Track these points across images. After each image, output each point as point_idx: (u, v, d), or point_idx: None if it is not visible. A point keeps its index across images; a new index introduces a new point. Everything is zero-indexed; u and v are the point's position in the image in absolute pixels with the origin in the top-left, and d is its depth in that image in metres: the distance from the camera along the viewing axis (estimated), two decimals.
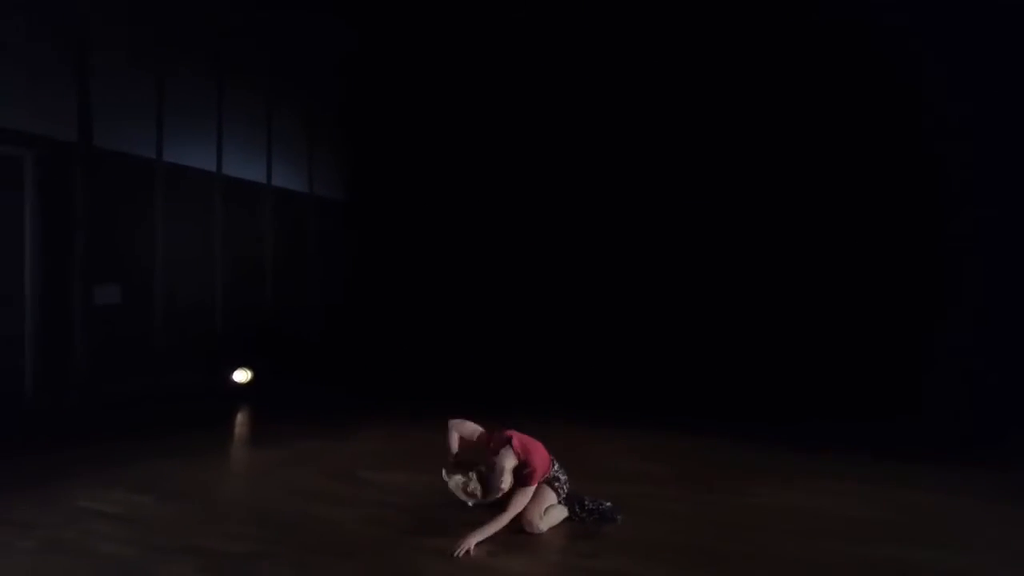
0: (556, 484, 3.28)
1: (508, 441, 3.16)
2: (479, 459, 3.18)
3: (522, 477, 3.08)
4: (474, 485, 3.06)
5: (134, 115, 6.51)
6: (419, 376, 7.86)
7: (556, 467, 3.33)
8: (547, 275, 8.52)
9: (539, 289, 8.50)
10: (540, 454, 3.22)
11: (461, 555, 2.85)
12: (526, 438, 3.25)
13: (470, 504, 3.10)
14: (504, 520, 2.99)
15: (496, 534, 3.00)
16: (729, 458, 4.64)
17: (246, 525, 3.26)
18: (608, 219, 8.21)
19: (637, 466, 4.40)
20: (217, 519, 3.32)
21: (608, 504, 3.35)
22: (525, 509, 3.09)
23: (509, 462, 3.09)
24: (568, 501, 3.31)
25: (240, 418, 5.86)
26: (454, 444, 3.36)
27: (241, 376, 6.67)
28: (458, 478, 3.08)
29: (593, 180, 8.30)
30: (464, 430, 3.39)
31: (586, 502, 3.33)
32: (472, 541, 2.91)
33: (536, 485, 3.11)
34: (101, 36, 6.19)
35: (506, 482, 3.05)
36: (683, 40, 7.59)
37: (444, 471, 3.13)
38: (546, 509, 3.19)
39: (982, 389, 6.22)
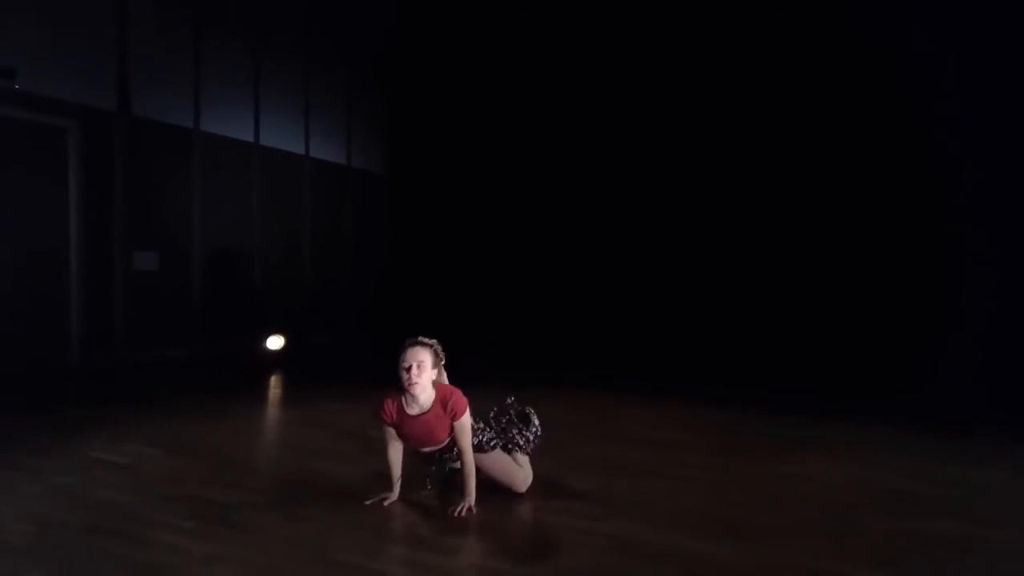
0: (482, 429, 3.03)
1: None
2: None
3: (450, 407, 2.80)
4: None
5: (171, 85, 6.62)
6: (453, 346, 7.81)
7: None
8: (581, 250, 8.35)
9: (572, 264, 8.33)
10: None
11: (465, 512, 2.76)
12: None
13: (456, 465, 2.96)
14: (468, 460, 2.82)
15: (497, 496, 2.94)
16: (764, 429, 4.50)
17: (246, 478, 3.26)
18: (643, 194, 7.99)
19: (668, 435, 4.26)
20: (219, 472, 3.32)
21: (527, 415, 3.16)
22: (503, 473, 2.99)
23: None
24: (504, 440, 3.07)
25: (270, 383, 5.93)
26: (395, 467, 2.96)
27: (275, 343, 6.75)
28: (432, 470, 3.00)
29: (626, 157, 8.09)
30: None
31: (514, 433, 3.09)
32: (470, 499, 2.80)
33: (467, 414, 2.83)
34: (139, 4, 6.28)
35: (423, 379, 2.75)
36: (699, 36, 7.58)
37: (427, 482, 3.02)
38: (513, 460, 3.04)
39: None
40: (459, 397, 2.83)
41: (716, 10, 7.39)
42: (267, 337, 6.74)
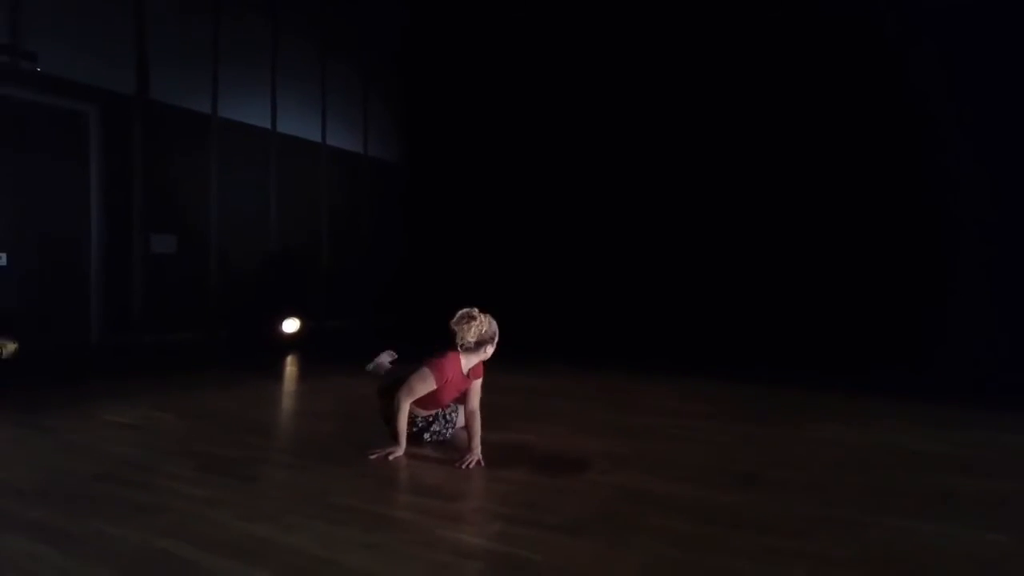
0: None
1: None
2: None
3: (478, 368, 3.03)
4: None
5: (190, 71, 6.69)
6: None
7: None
8: (597, 238, 8.31)
9: (589, 251, 8.29)
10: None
11: (472, 465, 2.75)
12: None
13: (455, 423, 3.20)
14: (477, 418, 2.95)
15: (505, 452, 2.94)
16: (781, 402, 4.41)
17: (251, 436, 3.26)
18: (661, 181, 7.96)
19: (685, 406, 4.19)
20: (225, 431, 3.33)
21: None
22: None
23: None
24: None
25: (284, 362, 5.95)
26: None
27: (291, 326, 6.77)
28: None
29: (645, 146, 8.06)
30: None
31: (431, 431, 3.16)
32: (477, 452, 2.81)
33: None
34: None
35: None
36: (704, 32, 7.66)
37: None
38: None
39: None
40: (482, 366, 3.05)
41: (720, 10, 7.45)
42: (283, 320, 6.77)
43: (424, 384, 2.88)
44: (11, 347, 4.63)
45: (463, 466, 2.73)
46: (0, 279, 5.59)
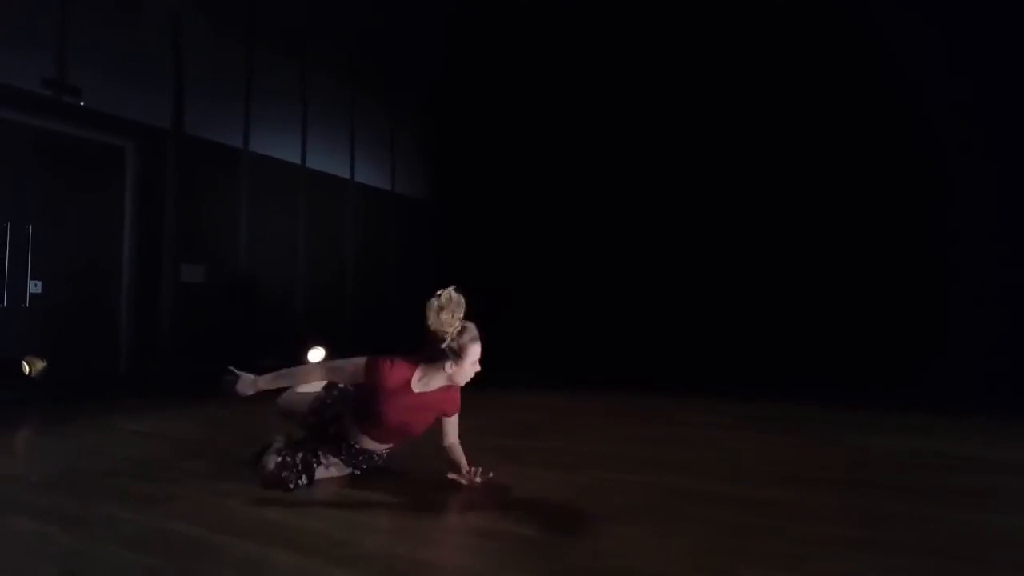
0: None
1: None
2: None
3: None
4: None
5: (223, 105, 6.88)
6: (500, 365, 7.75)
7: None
8: (626, 275, 8.33)
9: (618, 288, 8.28)
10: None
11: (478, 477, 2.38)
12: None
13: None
14: (458, 448, 2.49)
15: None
16: (814, 413, 4.23)
17: (256, 442, 3.18)
18: (688, 225, 8.03)
19: (717, 419, 4.00)
20: (241, 438, 3.26)
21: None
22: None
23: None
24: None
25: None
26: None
27: (316, 355, 6.75)
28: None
29: (671, 187, 8.12)
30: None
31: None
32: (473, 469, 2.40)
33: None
34: (193, 28, 6.60)
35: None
36: (722, 72, 7.79)
37: None
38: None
39: None
40: (458, 395, 2.49)
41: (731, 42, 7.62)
42: (308, 350, 6.75)
43: (348, 365, 2.45)
44: (40, 365, 4.67)
45: (471, 479, 2.35)
46: (34, 305, 5.68)
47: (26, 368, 4.66)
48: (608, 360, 7.73)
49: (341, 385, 2.63)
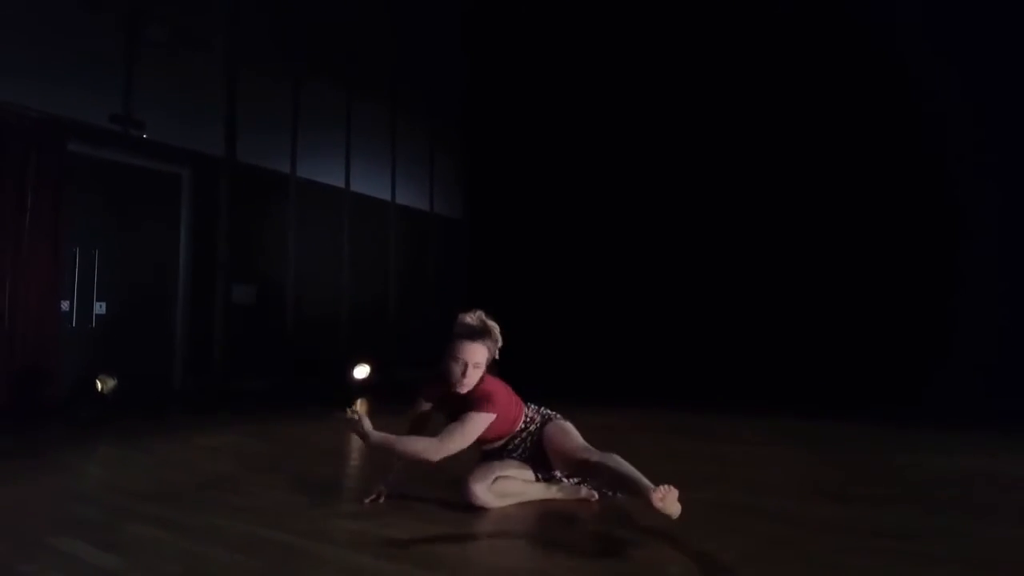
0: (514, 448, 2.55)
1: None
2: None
3: (477, 398, 2.41)
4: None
5: (272, 133, 7.22)
6: (538, 385, 7.90)
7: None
8: (661, 292, 8.45)
9: (654, 304, 8.38)
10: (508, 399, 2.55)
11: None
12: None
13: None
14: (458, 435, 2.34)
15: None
16: (850, 431, 4.27)
17: (334, 458, 3.41)
18: (724, 238, 8.17)
19: (757, 436, 4.12)
20: (310, 454, 3.49)
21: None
22: (469, 474, 2.48)
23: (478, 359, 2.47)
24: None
25: (357, 401, 6.14)
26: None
27: (361, 372, 7.00)
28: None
29: (704, 203, 8.28)
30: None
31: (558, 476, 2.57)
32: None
33: (491, 414, 2.39)
34: (245, 62, 6.96)
35: (470, 376, 2.43)
36: (742, 90, 7.97)
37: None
38: (496, 478, 2.47)
39: None
40: (491, 399, 2.39)
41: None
42: (354, 367, 7.00)
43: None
44: (111, 383, 4.98)
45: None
46: (99, 326, 6.03)
47: (99, 386, 4.98)
48: (636, 376, 7.82)
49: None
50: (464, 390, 2.42)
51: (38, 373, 5.20)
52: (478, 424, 2.35)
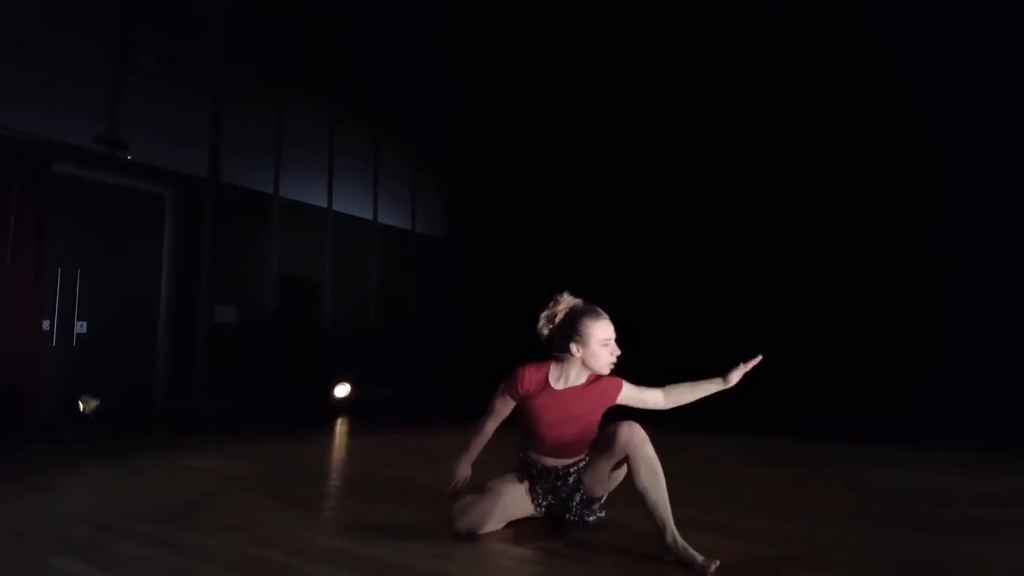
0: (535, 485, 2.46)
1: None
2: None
3: (603, 381, 2.46)
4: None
5: (255, 154, 7.32)
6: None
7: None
8: (644, 306, 8.53)
9: (636, 320, 8.49)
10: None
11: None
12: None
13: None
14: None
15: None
16: (820, 451, 4.44)
17: (319, 477, 3.50)
18: (708, 256, 8.32)
19: (724, 456, 4.27)
20: (294, 474, 3.58)
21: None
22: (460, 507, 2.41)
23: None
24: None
25: (337, 421, 6.22)
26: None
27: (342, 391, 7.08)
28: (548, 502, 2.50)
29: (686, 219, 8.45)
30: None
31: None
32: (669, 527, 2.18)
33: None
34: (232, 81, 7.06)
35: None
36: (739, 101, 8.09)
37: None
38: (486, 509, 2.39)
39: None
40: (614, 378, 2.46)
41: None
42: (335, 386, 7.08)
43: (497, 396, 2.45)
44: (93, 404, 5.02)
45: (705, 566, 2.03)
46: (79, 345, 6.05)
47: (81, 407, 5.01)
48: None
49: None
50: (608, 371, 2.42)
51: (19, 392, 5.21)
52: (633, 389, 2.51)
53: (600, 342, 2.38)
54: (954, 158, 6.81)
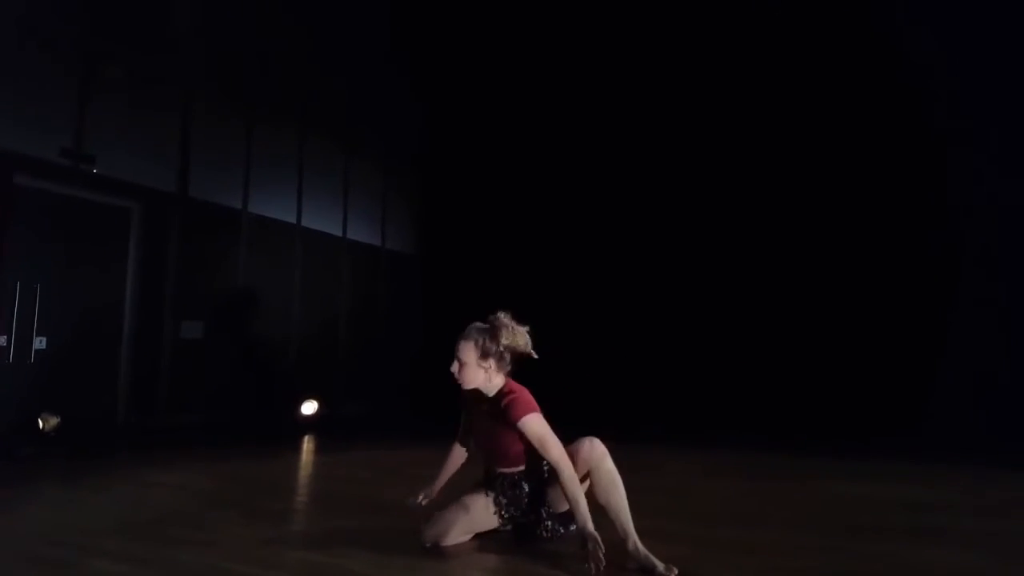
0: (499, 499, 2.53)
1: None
2: None
3: (503, 404, 2.48)
4: None
5: (225, 169, 7.29)
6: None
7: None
8: (610, 322, 8.66)
9: (602, 335, 8.60)
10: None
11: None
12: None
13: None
14: (566, 476, 2.32)
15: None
16: (783, 464, 4.60)
17: (286, 492, 3.50)
18: (675, 266, 8.38)
19: (692, 469, 4.39)
20: (261, 489, 3.58)
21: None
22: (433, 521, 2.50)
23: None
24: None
25: (304, 439, 6.19)
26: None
27: (309, 408, 7.04)
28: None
29: (652, 232, 8.56)
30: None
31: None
32: (588, 529, 2.22)
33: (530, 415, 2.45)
34: (202, 96, 7.04)
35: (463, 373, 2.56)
36: (721, 112, 8.13)
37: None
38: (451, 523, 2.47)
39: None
40: (517, 399, 2.45)
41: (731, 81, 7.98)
42: (302, 403, 7.04)
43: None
44: (53, 421, 4.93)
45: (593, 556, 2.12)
46: (37, 361, 5.93)
47: (41, 424, 4.91)
48: (586, 410, 8.00)
49: None
50: (466, 386, 2.57)
51: None
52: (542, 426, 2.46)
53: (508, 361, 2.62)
54: (953, 164, 6.82)
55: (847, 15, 7.20)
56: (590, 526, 2.20)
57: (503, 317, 2.61)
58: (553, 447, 2.38)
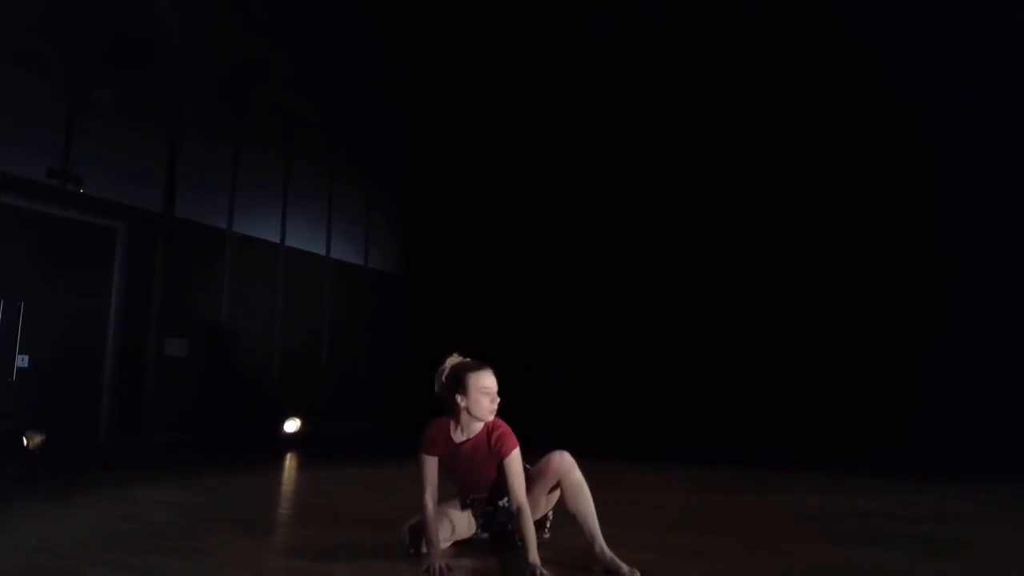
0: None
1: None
2: None
3: (494, 439, 2.58)
4: None
5: (210, 190, 7.42)
6: None
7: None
8: (591, 341, 8.80)
9: (583, 353, 8.75)
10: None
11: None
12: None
13: None
14: (521, 504, 2.46)
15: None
16: (750, 477, 4.78)
17: (274, 506, 3.62)
18: (654, 287, 8.54)
19: (665, 485, 4.56)
20: (250, 503, 3.69)
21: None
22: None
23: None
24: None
25: (287, 456, 6.27)
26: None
27: (291, 426, 7.13)
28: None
29: (636, 252, 8.72)
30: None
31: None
32: (532, 557, 2.33)
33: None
34: (189, 118, 7.18)
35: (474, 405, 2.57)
36: (707, 151, 8.30)
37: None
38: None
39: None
40: (507, 433, 2.60)
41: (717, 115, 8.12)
42: (284, 421, 7.12)
43: (421, 466, 2.58)
44: (37, 439, 4.99)
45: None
46: (20, 379, 5.97)
47: (26, 442, 4.97)
48: (567, 428, 8.09)
49: None
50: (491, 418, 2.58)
51: None
52: (519, 466, 2.53)
53: (479, 390, 2.55)
54: (950, 173, 6.92)
55: (847, 15, 7.21)
56: (534, 557, 2.30)
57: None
58: (522, 486, 2.50)
